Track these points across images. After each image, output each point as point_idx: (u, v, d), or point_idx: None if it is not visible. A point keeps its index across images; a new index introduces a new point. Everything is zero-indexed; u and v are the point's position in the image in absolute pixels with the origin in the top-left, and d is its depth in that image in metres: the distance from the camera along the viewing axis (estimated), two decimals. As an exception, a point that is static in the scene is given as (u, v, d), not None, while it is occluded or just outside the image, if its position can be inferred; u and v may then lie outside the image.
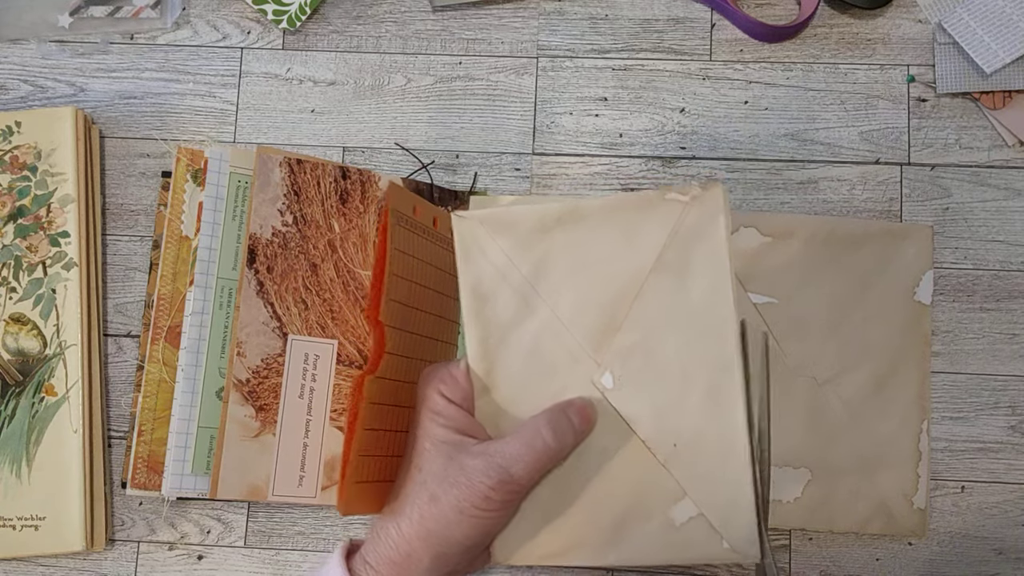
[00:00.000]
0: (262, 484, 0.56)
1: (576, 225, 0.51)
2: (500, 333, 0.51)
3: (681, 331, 0.50)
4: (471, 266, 0.51)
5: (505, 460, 0.47)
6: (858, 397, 0.59)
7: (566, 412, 0.49)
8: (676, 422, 0.50)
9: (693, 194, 0.49)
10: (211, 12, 0.67)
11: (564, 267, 0.51)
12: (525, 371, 0.51)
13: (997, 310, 0.62)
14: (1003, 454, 0.61)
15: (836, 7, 0.65)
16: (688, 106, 0.65)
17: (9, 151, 0.63)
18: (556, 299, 0.51)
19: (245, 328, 0.56)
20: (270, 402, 0.56)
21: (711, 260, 0.49)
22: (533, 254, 0.51)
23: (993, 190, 0.63)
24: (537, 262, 0.51)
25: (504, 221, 0.51)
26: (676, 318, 0.50)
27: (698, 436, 0.49)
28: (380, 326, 0.52)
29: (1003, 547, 0.60)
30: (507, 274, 0.51)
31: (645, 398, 0.50)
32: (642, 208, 0.50)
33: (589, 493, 0.51)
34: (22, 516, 0.59)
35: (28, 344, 0.61)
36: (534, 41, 0.66)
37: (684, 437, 0.50)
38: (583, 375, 0.51)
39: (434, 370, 0.53)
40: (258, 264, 0.57)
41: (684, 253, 0.49)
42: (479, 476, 0.47)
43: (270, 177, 0.57)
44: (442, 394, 0.51)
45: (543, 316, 0.51)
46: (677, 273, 0.50)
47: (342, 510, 0.50)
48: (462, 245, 0.51)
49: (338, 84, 0.66)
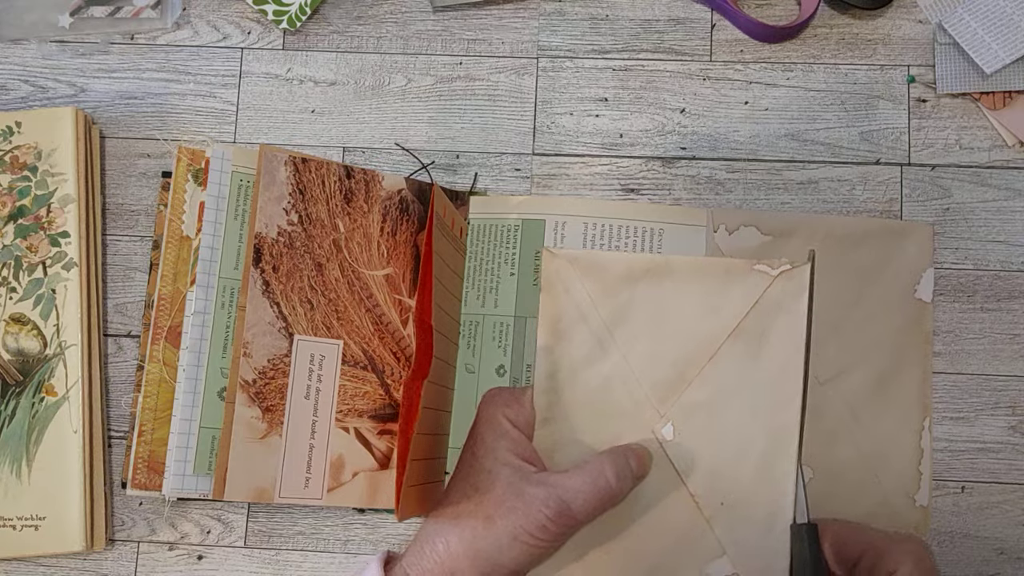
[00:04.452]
0: (268, 486, 0.55)
1: (662, 279, 0.53)
2: (570, 370, 0.53)
3: (748, 398, 0.52)
4: (553, 301, 0.53)
5: (567, 493, 0.48)
6: (860, 395, 0.60)
7: (626, 456, 0.50)
8: (727, 483, 0.51)
9: (782, 269, 0.52)
10: (211, 12, 0.67)
11: (643, 317, 0.53)
12: (587, 411, 0.53)
13: (998, 310, 0.62)
14: (1003, 454, 0.61)
15: (836, 7, 0.66)
16: (688, 106, 0.65)
17: (9, 151, 0.63)
18: (631, 347, 0.53)
19: (251, 328, 0.56)
20: (276, 403, 0.56)
21: (788, 335, 0.51)
22: (616, 300, 0.53)
23: (993, 190, 0.63)
24: (618, 308, 0.53)
25: (594, 264, 0.53)
26: (745, 385, 0.52)
27: (746, 499, 0.51)
28: (430, 330, 0.53)
29: (1004, 547, 0.60)
30: (587, 315, 0.53)
31: (702, 454, 0.52)
32: (729, 274, 0.52)
33: (631, 538, 0.52)
34: (22, 516, 0.59)
35: (28, 344, 0.61)
36: (534, 41, 0.66)
37: (732, 498, 0.51)
38: (643, 424, 0.52)
39: (499, 392, 0.54)
40: (264, 263, 0.57)
41: (763, 324, 0.52)
42: (539, 504, 0.47)
43: (275, 176, 0.57)
44: (507, 417, 0.52)
45: (615, 361, 0.53)
46: (754, 342, 0.52)
47: (400, 515, 0.50)
48: (547, 280, 0.54)
49: (338, 84, 0.66)
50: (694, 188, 0.64)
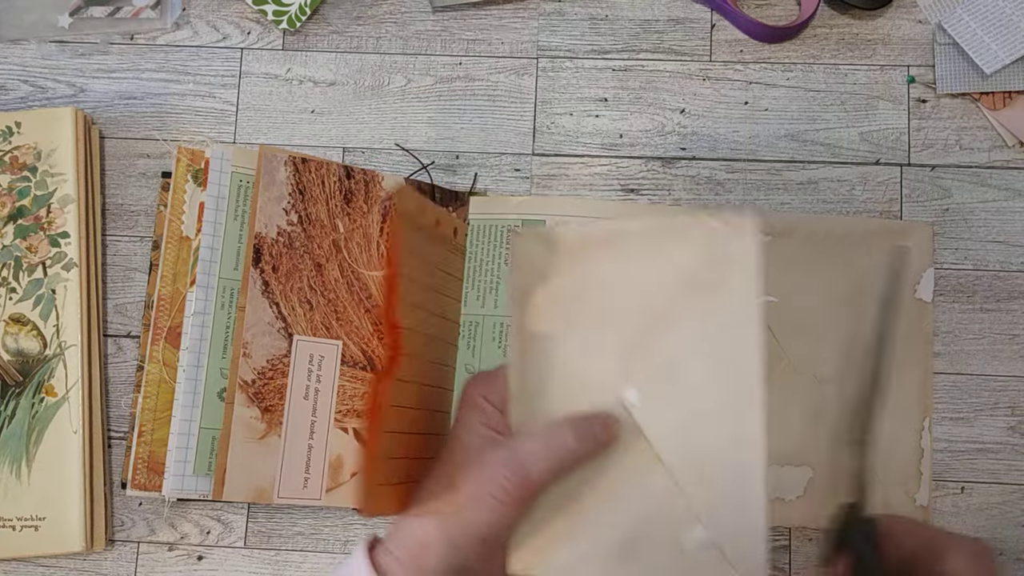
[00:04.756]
0: (267, 486, 0.56)
1: (618, 245, 0.52)
2: (539, 346, 0.52)
3: (707, 354, 0.50)
4: (520, 279, 0.52)
5: (524, 455, 0.48)
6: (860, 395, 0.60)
7: (590, 420, 0.50)
8: (696, 446, 0.49)
9: (725, 219, 0.49)
10: (211, 12, 0.67)
11: (603, 286, 0.52)
12: (557, 384, 0.52)
13: (997, 310, 0.62)
14: (1003, 454, 0.61)
15: (836, 7, 0.66)
16: (688, 107, 0.65)
17: (9, 151, 0.63)
18: (593, 316, 0.52)
19: (250, 328, 0.56)
20: (275, 403, 0.56)
21: (741, 286, 0.49)
22: (577, 272, 0.52)
23: (993, 191, 0.63)
24: (580, 280, 0.52)
25: (556, 239, 0.52)
26: (703, 341, 0.50)
27: (715, 463, 0.49)
28: (396, 328, 0.53)
29: (1003, 547, 0.60)
30: (553, 290, 0.52)
31: (668, 418, 0.50)
32: (679, 232, 0.50)
33: (606, 509, 0.51)
34: (22, 516, 0.59)
35: (28, 344, 0.61)
36: (534, 42, 0.66)
37: (702, 460, 0.49)
38: (611, 391, 0.51)
39: (479, 375, 0.54)
40: (263, 264, 0.57)
41: (715, 278, 0.50)
42: (497, 466, 0.48)
43: (275, 176, 0.57)
44: (483, 395, 0.52)
45: (580, 332, 0.52)
46: (707, 297, 0.50)
47: (366, 513, 0.50)
48: (515, 259, 0.52)
49: (338, 84, 0.66)
50: (694, 188, 0.64)
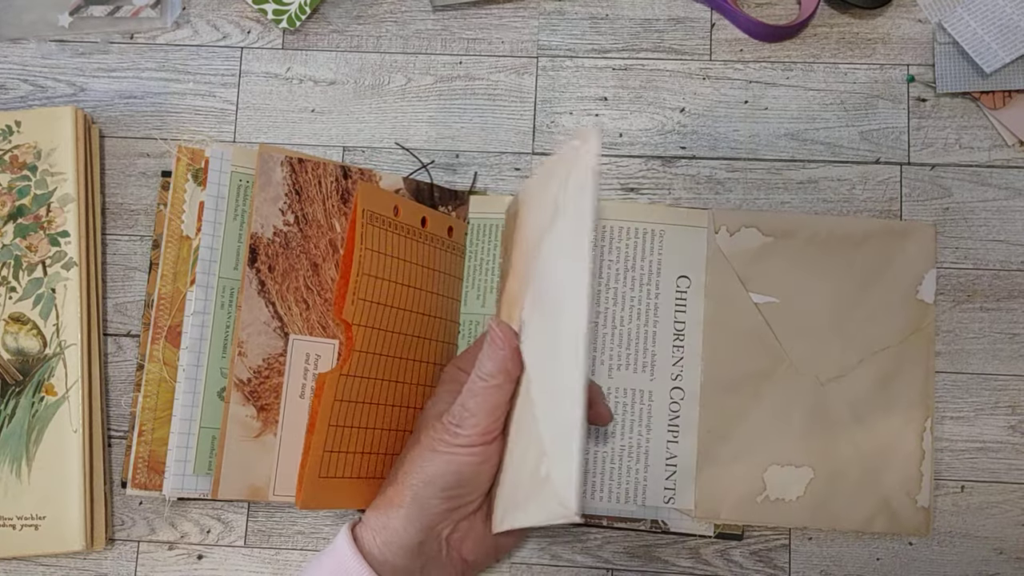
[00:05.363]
0: (263, 484, 0.56)
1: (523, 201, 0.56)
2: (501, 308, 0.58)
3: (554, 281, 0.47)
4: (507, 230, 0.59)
5: (462, 397, 0.51)
6: (861, 396, 0.60)
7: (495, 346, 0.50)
8: (545, 381, 0.47)
9: (574, 145, 0.47)
10: (211, 12, 0.67)
11: (518, 240, 0.55)
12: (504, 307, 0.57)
13: (997, 310, 0.62)
14: (1003, 454, 0.61)
15: (836, 7, 0.65)
16: (688, 106, 0.65)
17: (9, 151, 0.63)
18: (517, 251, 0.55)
19: (246, 328, 0.56)
20: (271, 402, 0.56)
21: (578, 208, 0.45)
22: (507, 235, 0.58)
23: (993, 190, 0.63)
24: (506, 241, 0.58)
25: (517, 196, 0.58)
26: (555, 264, 0.47)
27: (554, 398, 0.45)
28: (347, 325, 0.54)
29: (1004, 547, 0.60)
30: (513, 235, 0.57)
31: (534, 355, 0.49)
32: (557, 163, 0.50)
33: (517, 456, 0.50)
34: (22, 516, 0.59)
35: (28, 344, 0.61)
36: (534, 41, 0.66)
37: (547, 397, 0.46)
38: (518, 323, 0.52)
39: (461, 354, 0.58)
40: (259, 263, 0.57)
41: (564, 202, 0.47)
42: (448, 416, 0.51)
43: (272, 176, 0.57)
44: (456, 365, 0.56)
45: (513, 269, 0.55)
46: (559, 222, 0.48)
47: (300, 504, 0.52)
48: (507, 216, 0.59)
49: (338, 84, 0.66)
50: (694, 188, 0.64)
